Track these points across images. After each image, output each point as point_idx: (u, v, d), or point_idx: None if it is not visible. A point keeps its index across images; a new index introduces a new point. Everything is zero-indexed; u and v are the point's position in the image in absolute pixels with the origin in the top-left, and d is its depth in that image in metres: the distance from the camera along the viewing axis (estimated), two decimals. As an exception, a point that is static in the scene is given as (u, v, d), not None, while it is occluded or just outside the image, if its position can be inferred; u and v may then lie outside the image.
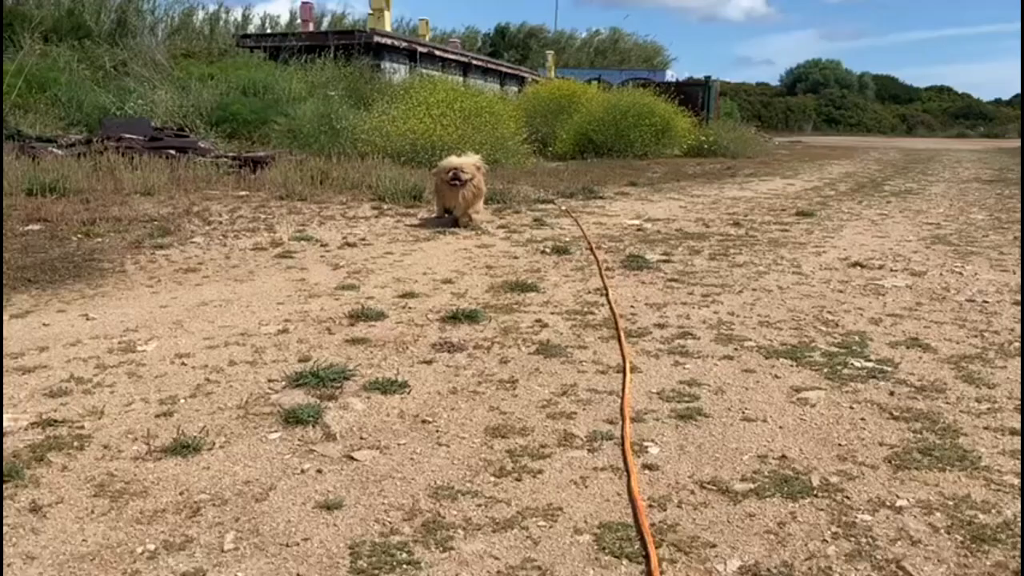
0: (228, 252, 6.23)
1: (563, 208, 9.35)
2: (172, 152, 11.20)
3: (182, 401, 3.16)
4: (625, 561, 2.12)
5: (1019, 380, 3.61)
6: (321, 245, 6.62)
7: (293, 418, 2.97)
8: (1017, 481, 2.61)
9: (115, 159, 9.69)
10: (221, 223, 7.33)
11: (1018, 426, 3.06)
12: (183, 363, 3.61)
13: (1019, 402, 3.32)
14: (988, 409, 3.24)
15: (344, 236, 7.01)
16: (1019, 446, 2.88)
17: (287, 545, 2.16)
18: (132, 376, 3.43)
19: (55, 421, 2.93)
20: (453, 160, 7.69)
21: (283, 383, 3.35)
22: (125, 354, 3.71)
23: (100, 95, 15.75)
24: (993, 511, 2.41)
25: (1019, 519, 2.37)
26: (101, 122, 13.27)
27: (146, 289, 5.03)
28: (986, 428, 3.04)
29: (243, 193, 9.10)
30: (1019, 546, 2.23)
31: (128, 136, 11.83)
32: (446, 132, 12.84)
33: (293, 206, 8.41)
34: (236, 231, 7.03)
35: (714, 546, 2.21)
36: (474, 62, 29.08)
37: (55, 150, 10.57)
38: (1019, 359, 3.91)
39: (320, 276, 5.47)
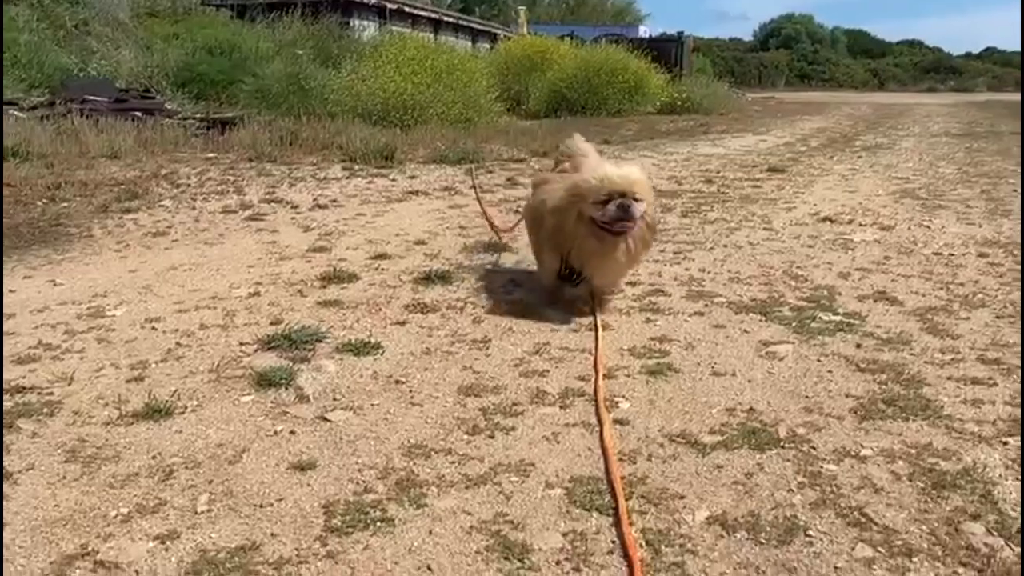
0: (197, 215, 6.15)
1: (536, 167, 9.31)
2: (138, 114, 10.98)
3: (153, 366, 3.15)
4: (595, 513, 2.16)
5: (983, 331, 3.68)
6: (292, 207, 6.55)
7: (265, 381, 2.96)
8: (977, 428, 2.68)
9: (79, 122, 9.48)
10: (190, 186, 7.23)
11: (980, 375, 3.13)
12: (153, 328, 3.58)
13: (982, 351, 3.40)
14: (952, 360, 3.31)
15: (315, 198, 6.95)
16: (980, 395, 2.95)
17: (261, 506, 2.17)
18: (102, 341, 3.40)
19: (24, 388, 2.91)
20: (611, 171, 3.57)
21: (255, 346, 3.34)
22: (94, 319, 3.68)
23: (62, 56, 15.33)
24: (954, 458, 2.48)
25: (979, 467, 2.44)
26: (63, 84, 12.94)
27: (114, 254, 4.97)
28: (949, 378, 3.11)
29: (212, 155, 8.97)
30: (977, 491, 2.30)
31: (92, 98, 11.57)
32: (417, 91, 12.68)
33: (263, 168, 8.31)
34: (205, 194, 6.94)
35: (682, 497, 2.25)
36: (445, 19, 28.63)
37: (17, 113, 10.32)
38: (983, 310, 3.99)
39: (291, 238, 5.43)
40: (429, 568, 1.92)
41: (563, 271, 3.72)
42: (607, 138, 13.09)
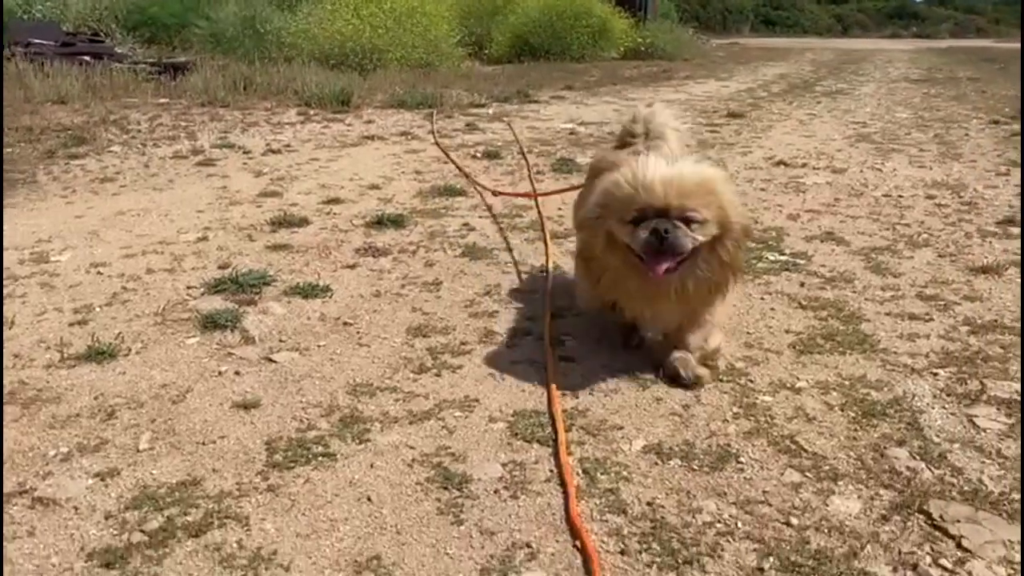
0: (147, 161, 6.02)
1: (496, 113, 9.23)
2: (86, 58, 10.65)
3: (97, 310, 3.11)
4: (536, 444, 2.20)
5: (924, 269, 3.77)
6: (244, 152, 6.44)
7: (211, 323, 2.95)
8: (911, 361, 2.76)
9: (24, 66, 9.17)
10: (140, 132, 7.07)
11: (918, 311, 3.22)
12: (99, 272, 3.53)
13: (921, 288, 3.49)
14: (891, 296, 3.39)
15: (268, 143, 6.83)
16: (916, 329, 3.04)
17: (203, 443, 2.18)
18: (45, 286, 3.35)
19: (-37, 333, 2.87)
20: (647, 171, 2.38)
21: (202, 290, 3.32)
22: (37, 265, 3.62)
23: (4, -3, 14.74)
24: (885, 389, 2.56)
25: (908, 397, 2.52)
26: (7, 26, 12.47)
27: (60, 200, 4.86)
28: (887, 314, 3.19)
29: (163, 101, 8.76)
30: (905, 419, 2.38)
31: (37, 41, 11.18)
32: (376, 34, 12.44)
33: (215, 113, 8.13)
34: (156, 139, 6.79)
35: (621, 428, 2.30)
36: (406, -39, 27.92)
37: (-44, 57, 9.94)
38: (926, 249, 4.08)
39: (242, 184, 5.35)
40: (369, 499, 1.95)
41: (607, 304, 2.71)
42: (569, 84, 13.00)
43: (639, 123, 3.08)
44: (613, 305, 2.69)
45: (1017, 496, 1.99)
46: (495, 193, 5.05)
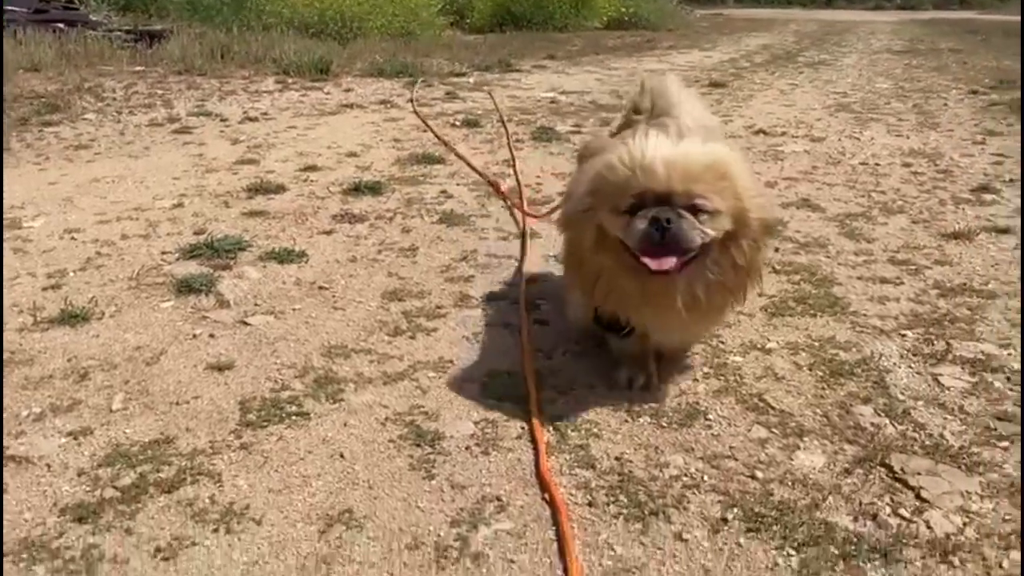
0: (122, 129, 5.96)
1: (477, 82, 9.18)
2: (60, 26, 10.47)
3: (71, 274, 3.10)
4: (508, 404, 2.23)
5: (897, 234, 3.82)
6: (221, 120, 6.38)
7: (186, 287, 2.95)
8: (880, 323, 2.80)
9: (-5, 33, 9.00)
10: (115, 99, 6.98)
11: (889, 275, 3.26)
12: (72, 238, 3.51)
13: (893, 253, 3.53)
14: (864, 261, 3.43)
15: (245, 111, 6.77)
16: (886, 293, 3.08)
17: (177, 403, 2.19)
18: (18, 252, 3.33)
19: (-65, 298, 2.85)
20: (645, 149, 1.98)
21: (177, 255, 3.31)
22: (10, 231, 3.58)
23: (-26, -37, 14.43)
24: (853, 350, 2.60)
25: (876, 357, 2.57)
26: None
27: (33, 167, 4.81)
28: (859, 278, 3.23)
29: (139, 69, 8.64)
30: (872, 377, 2.43)
31: (10, 8, 10.97)
32: (356, 2, 12.29)
33: (192, 81, 8.04)
34: (131, 107, 6.71)
35: (592, 387, 2.33)
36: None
37: (-74, 24, 9.75)
38: (900, 216, 4.12)
39: (219, 151, 5.31)
40: (342, 456, 1.97)
41: (600, 315, 2.26)
42: (551, 53, 12.91)
43: (646, 96, 2.54)
44: (612, 324, 2.23)
45: (977, 449, 2.04)
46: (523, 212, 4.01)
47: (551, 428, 2.11)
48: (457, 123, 6.53)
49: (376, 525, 1.72)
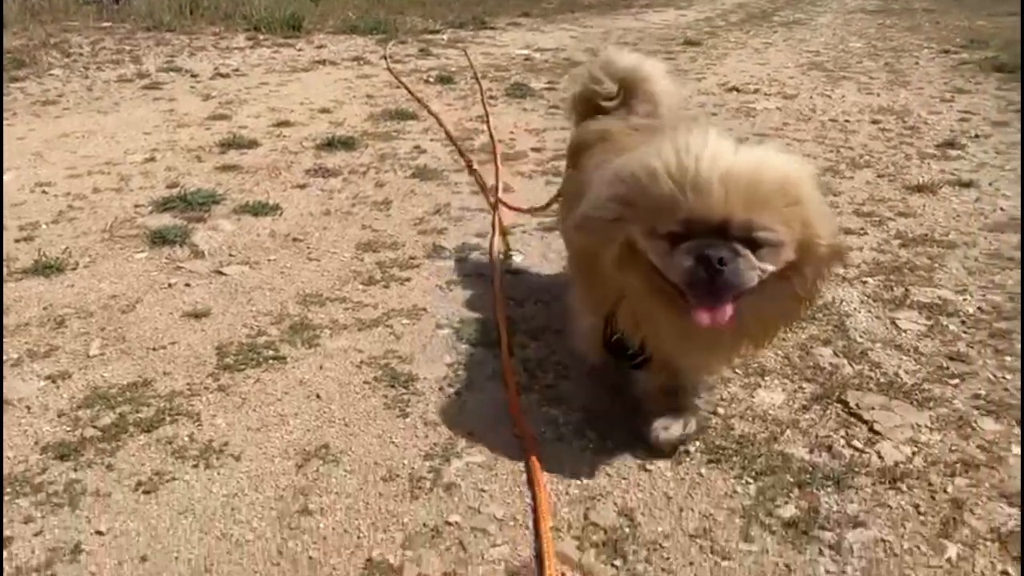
0: (90, 84, 5.87)
1: (451, 39, 9.10)
2: (22, -20, 10.19)
3: (43, 227, 3.10)
4: (480, 348, 2.29)
5: (863, 188, 3.90)
6: (191, 76, 6.30)
7: (160, 239, 2.96)
8: (842, 271, 2.88)
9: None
10: (82, 55, 6.86)
11: (854, 226, 3.34)
12: (44, 192, 3.49)
13: (859, 206, 3.61)
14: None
15: (216, 67, 6.69)
16: (850, 242, 3.16)
17: (154, 349, 2.23)
18: (-12, 206, 3.32)
19: (-94, 250, 2.85)
20: (697, 157, 1.49)
21: (150, 208, 3.31)
22: (-21, 185, 3.57)
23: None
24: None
25: (837, 302, 2.65)
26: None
27: None
28: (824, 229, 3.30)
29: (106, 24, 8.47)
30: (832, 321, 2.51)
31: (-31, -38, 10.66)
32: (327, -42, 12.05)
33: (161, 37, 7.90)
34: (99, 63, 6.60)
35: (561, 331, 2.39)
36: None
37: None
38: (867, 170, 4.20)
39: (190, 107, 5.26)
40: (318, 396, 2.03)
41: (610, 337, 1.87)
42: (527, 11, 12.79)
43: (611, 75, 2.28)
44: (617, 347, 1.85)
45: (929, 386, 2.13)
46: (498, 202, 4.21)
47: (522, 370, 2.17)
48: (431, 80, 6.50)
49: (352, 459, 1.78)
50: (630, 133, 2.11)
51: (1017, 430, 1.93)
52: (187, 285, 2.64)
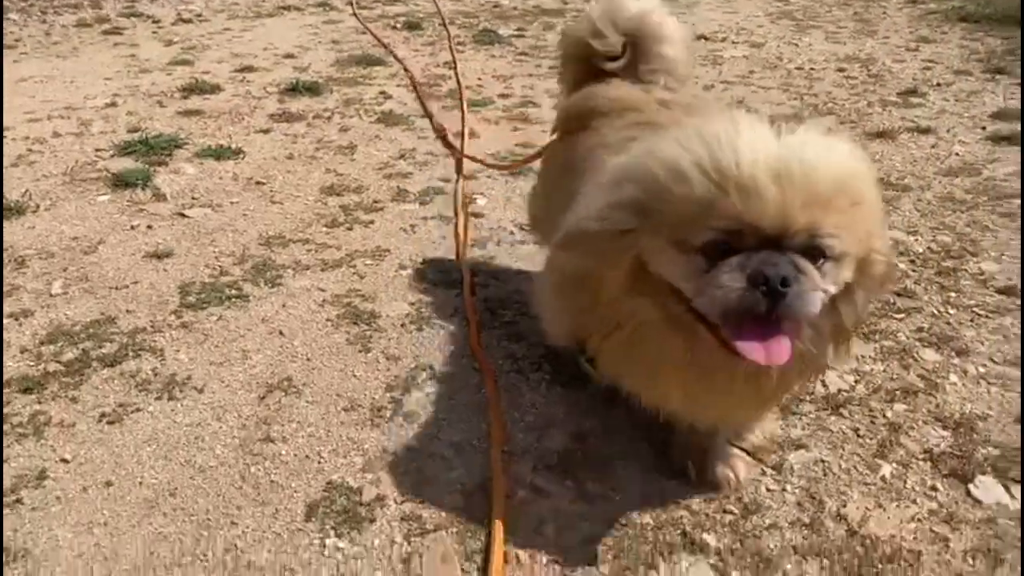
0: (48, 29, 5.74)
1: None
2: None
3: (3, 171, 3.07)
4: (443, 287, 2.33)
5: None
6: (153, 22, 6.18)
7: (122, 182, 2.95)
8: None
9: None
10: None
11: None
12: (2, 136, 3.45)
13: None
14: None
15: (178, 12, 6.55)
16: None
17: (116, 288, 2.24)
18: (-56, 150, 3.28)
19: None
20: (737, 147, 1.16)
21: (111, 152, 3.28)
22: (-65, 129, 3.51)
23: None
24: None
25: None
26: None
27: (-45, 67, 4.65)
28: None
29: (63, -32, 8.23)
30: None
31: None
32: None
33: (121, -19, 7.71)
34: (56, 7, 6.44)
35: (523, 272, 2.43)
36: None
37: None
38: (830, 117, 4.25)
39: (152, 52, 5.17)
40: (281, 333, 2.06)
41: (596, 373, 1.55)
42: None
43: (616, 26, 1.87)
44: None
45: (875, 320, 2.21)
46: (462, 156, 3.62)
47: (483, 308, 2.22)
48: (398, 26, 6.42)
49: (314, 391, 1.83)
50: (659, 108, 1.73)
51: (956, 359, 2.01)
52: (149, 227, 2.64)
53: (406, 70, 4.86)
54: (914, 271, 2.51)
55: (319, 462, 1.61)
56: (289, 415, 1.74)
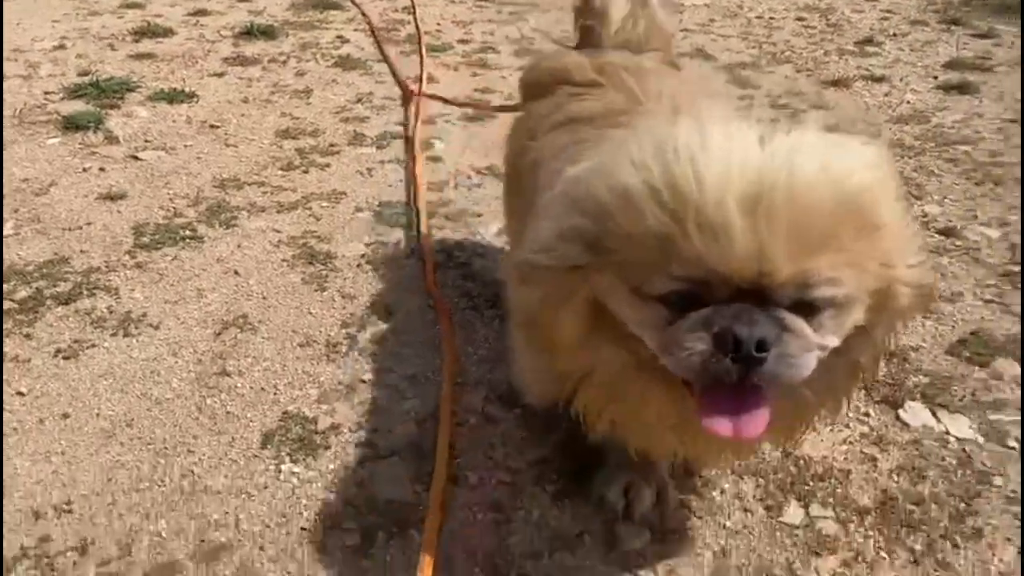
0: (-9, -30, 5.54)
1: None
2: None
3: (-53, 113, 3.01)
4: (399, 230, 2.35)
5: (781, 82, 4.00)
6: (102, -37, 5.98)
7: (73, 124, 2.90)
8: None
9: None
10: (-20, -61, 6.43)
11: (766, 117, 3.45)
12: (-55, 78, 3.36)
13: (775, 98, 3.71)
14: (745, 106, 3.60)
15: (129, -47, 6.35)
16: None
17: (69, 229, 2.23)
18: None
19: None
20: (726, 173, 0.87)
21: (61, 94, 3.22)
22: None
23: None
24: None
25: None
26: None
27: None
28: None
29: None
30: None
31: None
32: None
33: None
34: (-1, -52, 6.21)
35: (480, 216, 2.46)
36: None
37: None
38: (787, 65, 4.30)
39: (101, -7, 5.03)
40: (236, 273, 2.07)
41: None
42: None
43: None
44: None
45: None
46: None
47: (439, 248, 2.25)
48: None
49: (270, 328, 1.85)
50: (594, 78, 1.48)
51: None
52: (102, 169, 2.61)
53: (364, 15, 4.80)
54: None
55: (275, 394, 1.64)
56: (245, 350, 1.77)
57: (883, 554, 1.33)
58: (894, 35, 5.06)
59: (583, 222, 0.97)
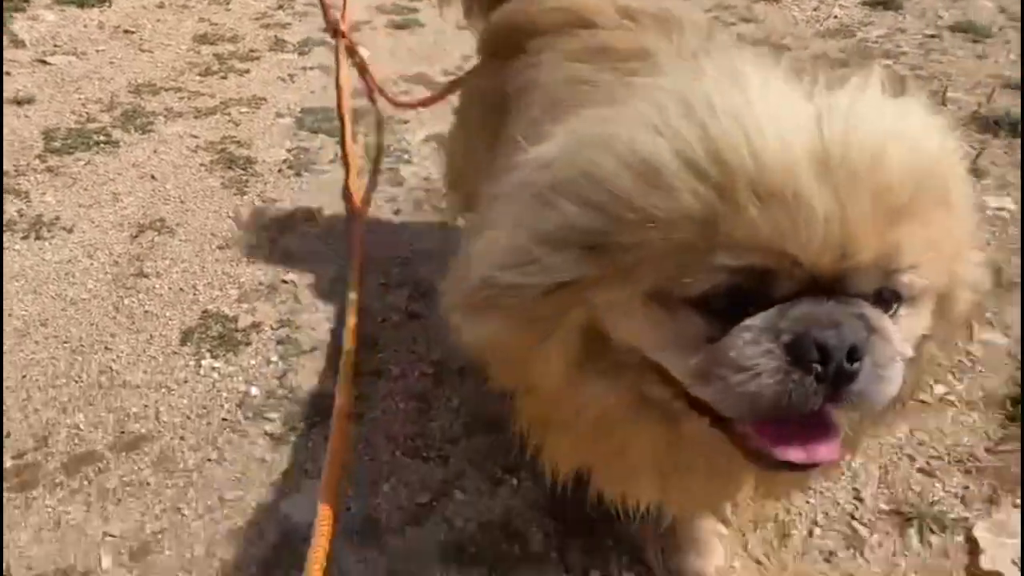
0: None
1: None
2: None
3: None
4: (322, 136, 2.31)
5: None
6: None
7: (-28, 27, 2.75)
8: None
9: None
10: None
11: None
12: None
13: (706, 10, 3.71)
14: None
15: None
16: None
17: (-28, 133, 2.14)
18: None
19: None
20: (792, 133, 0.68)
21: (-43, -4, 3.04)
22: None
23: None
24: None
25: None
26: None
27: None
28: (668, 32, 3.40)
29: None
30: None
31: None
32: None
33: None
34: None
35: (406, 123, 2.44)
36: None
37: None
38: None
39: None
40: (152, 177, 2.03)
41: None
42: None
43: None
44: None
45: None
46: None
47: (364, 154, 2.22)
48: None
49: (187, 231, 1.83)
50: (620, 23, 1.20)
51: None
52: (7, 74, 2.49)
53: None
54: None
55: (194, 294, 1.63)
56: (163, 252, 1.74)
57: None
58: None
59: (581, 215, 0.72)
